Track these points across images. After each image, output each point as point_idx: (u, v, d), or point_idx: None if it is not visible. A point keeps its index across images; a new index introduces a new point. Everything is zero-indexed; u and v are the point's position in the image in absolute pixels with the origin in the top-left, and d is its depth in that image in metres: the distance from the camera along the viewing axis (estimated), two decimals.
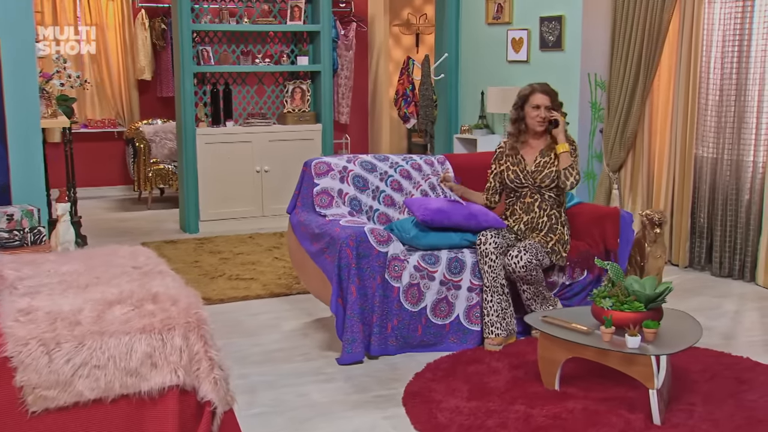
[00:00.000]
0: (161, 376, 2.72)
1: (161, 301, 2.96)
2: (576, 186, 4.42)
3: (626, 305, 3.45)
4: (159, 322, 2.79)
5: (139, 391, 2.68)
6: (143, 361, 2.71)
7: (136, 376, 2.70)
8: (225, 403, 2.86)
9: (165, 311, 2.87)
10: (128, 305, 2.92)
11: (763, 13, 5.39)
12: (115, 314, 2.85)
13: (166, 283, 3.25)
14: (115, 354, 2.68)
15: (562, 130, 4.45)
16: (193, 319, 2.86)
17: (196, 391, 2.77)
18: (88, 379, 2.63)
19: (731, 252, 5.67)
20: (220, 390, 2.82)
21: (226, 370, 2.89)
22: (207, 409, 2.78)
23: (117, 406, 2.67)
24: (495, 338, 4.23)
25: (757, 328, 4.71)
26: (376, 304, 4.10)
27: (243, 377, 3.92)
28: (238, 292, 5.31)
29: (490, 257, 4.22)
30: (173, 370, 2.73)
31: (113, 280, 3.30)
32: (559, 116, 4.45)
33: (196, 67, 7.22)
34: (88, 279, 3.32)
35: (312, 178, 4.64)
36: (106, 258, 3.72)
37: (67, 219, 5.51)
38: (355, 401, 3.63)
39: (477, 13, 7.63)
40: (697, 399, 3.56)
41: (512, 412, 3.43)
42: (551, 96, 4.47)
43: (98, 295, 3.04)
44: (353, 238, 4.06)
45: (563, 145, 4.41)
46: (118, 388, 2.66)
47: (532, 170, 4.46)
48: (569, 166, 4.37)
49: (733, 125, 5.62)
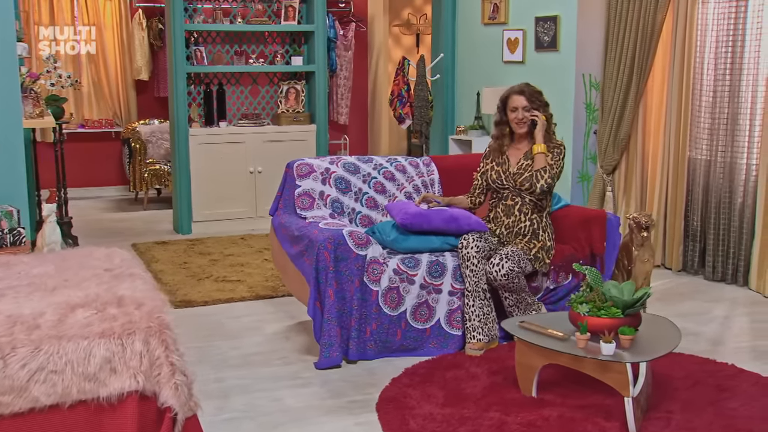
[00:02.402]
0: (120, 382, 2.68)
1: (126, 304, 2.93)
2: (547, 190, 4.33)
3: (603, 311, 3.38)
4: (119, 326, 2.75)
5: (97, 397, 2.64)
6: (102, 366, 2.67)
7: (94, 382, 2.66)
8: (188, 409, 2.82)
9: (127, 315, 2.83)
10: (91, 309, 2.89)
11: (756, 14, 5.30)
12: (77, 318, 2.81)
13: (135, 286, 3.21)
14: (72, 359, 2.64)
15: (541, 130, 4.38)
16: (155, 323, 2.81)
17: (157, 397, 2.73)
18: (45, 384, 2.60)
19: (724, 256, 5.59)
20: (181, 395, 2.78)
21: (190, 375, 2.85)
22: (168, 415, 2.74)
23: (75, 411, 2.63)
24: (476, 343, 4.17)
25: (745, 333, 4.63)
26: (354, 307, 4.05)
27: (219, 381, 3.88)
28: (223, 294, 5.27)
29: (472, 261, 4.16)
30: (133, 376, 2.70)
31: (83, 282, 3.26)
32: (540, 116, 4.38)
33: (190, 67, 7.19)
34: (57, 281, 3.28)
35: (294, 180, 4.59)
36: (80, 260, 3.68)
37: (53, 220, 5.49)
38: (329, 407, 3.58)
39: (473, 13, 7.56)
40: (676, 407, 3.49)
41: (486, 419, 3.37)
42: (528, 96, 4.40)
43: (63, 298, 3.01)
44: (331, 240, 4.01)
45: (539, 146, 4.34)
46: (75, 393, 2.62)
47: (513, 172, 4.40)
48: (541, 168, 4.30)
49: (726, 127, 5.54)
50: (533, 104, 4.40)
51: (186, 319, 4.81)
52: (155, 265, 5.98)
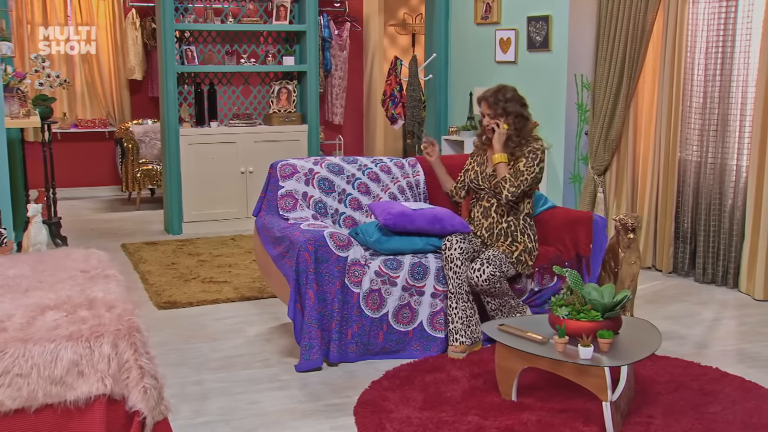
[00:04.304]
0: (88, 385, 2.64)
1: (96, 307, 2.90)
2: (513, 199, 4.25)
3: (582, 314, 3.34)
4: (88, 329, 2.72)
5: (64, 401, 2.61)
6: (69, 370, 2.63)
7: (61, 385, 2.62)
8: (158, 413, 2.78)
9: (97, 318, 2.80)
10: (62, 311, 2.86)
11: (746, 13, 5.26)
12: (46, 320, 2.78)
13: (108, 288, 3.17)
14: (39, 362, 2.60)
15: (498, 140, 4.29)
16: (124, 326, 2.77)
17: (125, 401, 2.69)
18: (10, 388, 2.56)
19: (714, 258, 5.55)
20: (150, 399, 2.74)
21: (161, 379, 2.80)
22: (136, 419, 2.70)
23: (41, 416, 2.60)
24: (459, 346, 4.13)
25: (732, 337, 4.59)
26: (335, 309, 4.02)
27: (198, 383, 3.85)
28: (209, 295, 5.24)
29: (455, 263, 4.12)
30: (101, 379, 2.66)
31: (57, 284, 3.23)
32: (502, 125, 4.29)
33: (180, 66, 7.15)
34: (31, 283, 3.26)
35: (277, 181, 4.56)
36: (56, 261, 3.65)
37: (39, 220, 5.46)
38: (305, 410, 3.54)
39: (466, 13, 7.53)
40: (657, 411, 3.45)
41: (464, 423, 3.33)
42: (490, 103, 4.32)
43: (35, 300, 2.98)
44: (311, 242, 3.98)
45: (497, 156, 4.27)
46: (41, 397, 2.59)
47: (489, 174, 4.36)
48: (502, 179, 4.24)
49: (716, 128, 5.49)
50: (495, 111, 4.31)
51: (170, 321, 4.78)
52: (143, 266, 5.95)
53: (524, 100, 4.40)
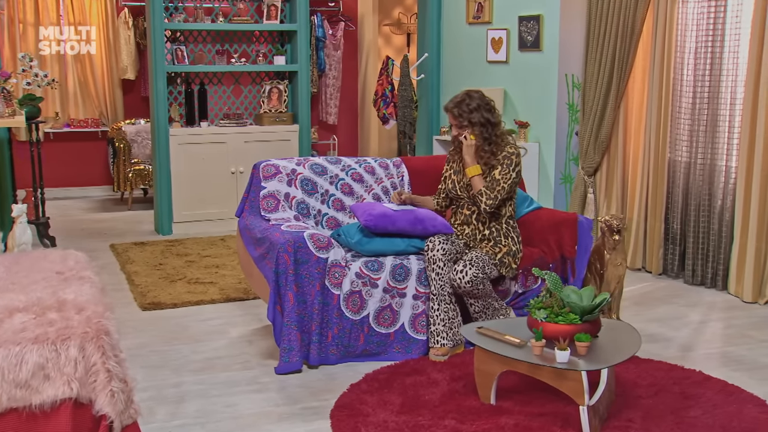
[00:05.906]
0: (54, 389, 2.62)
1: (66, 309, 2.87)
2: (492, 210, 4.18)
3: (561, 317, 3.31)
4: (55, 331, 2.69)
5: (29, 404, 2.58)
6: (35, 373, 2.60)
7: (26, 389, 2.60)
8: (126, 417, 2.75)
9: (66, 320, 2.77)
10: (31, 313, 2.83)
11: (735, 13, 5.21)
12: (14, 323, 2.75)
13: (81, 290, 3.15)
14: (3, 365, 2.58)
15: (467, 152, 4.19)
16: (92, 329, 2.74)
17: (93, 404, 2.66)
18: None
19: (704, 259, 5.50)
20: (118, 403, 2.71)
21: (130, 382, 2.78)
22: (104, 422, 2.67)
23: (5, 420, 2.57)
24: (440, 348, 4.09)
25: (717, 339, 4.54)
26: (315, 311, 3.98)
27: (177, 386, 3.82)
28: (194, 296, 5.21)
29: (438, 264, 4.08)
30: (67, 382, 2.63)
31: (30, 285, 3.21)
32: (468, 136, 4.20)
33: (169, 66, 7.12)
34: (4, 284, 3.24)
35: (260, 181, 4.53)
36: (33, 262, 3.63)
37: (24, 220, 5.45)
38: (282, 413, 3.51)
39: (458, 13, 7.49)
40: (637, 415, 3.41)
41: (441, 427, 3.30)
42: (454, 115, 4.22)
43: (5, 302, 2.95)
44: (291, 243, 3.94)
45: (470, 169, 4.20)
46: (6, 401, 2.56)
47: (466, 183, 4.31)
48: (477, 192, 4.17)
49: (706, 129, 5.45)
50: (461, 121, 4.22)
51: (152, 322, 4.75)
52: (130, 267, 5.93)
53: (491, 104, 4.25)
